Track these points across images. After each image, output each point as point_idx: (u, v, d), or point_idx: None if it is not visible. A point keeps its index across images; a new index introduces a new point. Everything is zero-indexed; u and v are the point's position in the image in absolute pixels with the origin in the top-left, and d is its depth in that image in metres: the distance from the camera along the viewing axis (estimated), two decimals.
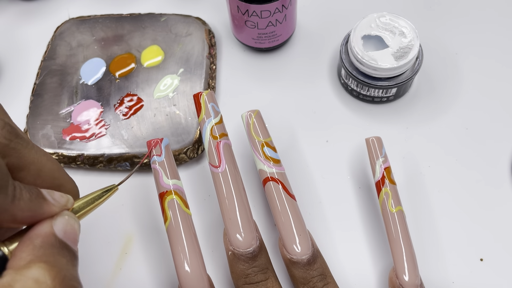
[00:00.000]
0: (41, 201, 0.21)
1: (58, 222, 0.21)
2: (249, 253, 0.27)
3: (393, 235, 0.29)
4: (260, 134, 0.30)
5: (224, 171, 0.28)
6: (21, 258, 0.19)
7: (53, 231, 0.21)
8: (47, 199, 0.21)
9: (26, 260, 0.19)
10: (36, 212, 0.21)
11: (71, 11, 0.46)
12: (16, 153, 0.21)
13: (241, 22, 0.38)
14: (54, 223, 0.21)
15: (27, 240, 0.20)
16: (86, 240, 0.34)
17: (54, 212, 0.21)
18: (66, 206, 0.22)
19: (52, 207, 0.21)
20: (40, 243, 0.20)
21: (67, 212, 0.22)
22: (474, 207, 0.34)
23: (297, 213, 0.28)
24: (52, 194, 0.22)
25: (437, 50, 0.41)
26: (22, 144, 0.22)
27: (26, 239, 0.20)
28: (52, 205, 0.21)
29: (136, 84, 0.39)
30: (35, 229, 0.21)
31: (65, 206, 0.22)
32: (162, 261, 0.33)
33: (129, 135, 0.37)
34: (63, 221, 0.21)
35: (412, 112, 0.38)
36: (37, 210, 0.21)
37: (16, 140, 0.21)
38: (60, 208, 0.22)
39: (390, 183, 0.30)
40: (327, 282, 0.27)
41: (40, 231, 0.20)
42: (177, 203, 0.27)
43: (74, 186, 0.25)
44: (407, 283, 0.28)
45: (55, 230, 0.21)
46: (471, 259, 0.32)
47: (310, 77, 0.41)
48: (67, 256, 0.20)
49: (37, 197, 0.21)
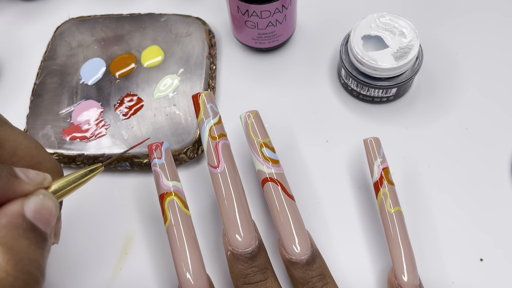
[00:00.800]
0: (12, 179, 0.20)
1: (30, 201, 0.20)
2: (248, 253, 0.27)
3: (391, 235, 0.29)
4: (258, 135, 0.30)
5: (223, 171, 0.28)
6: None
7: (22, 211, 0.20)
8: (20, 177, 0.20)
9: None
10: (6, 190, 0.20)
11: (71, 11, 0.46)
12: None
13: (241, 22, 0.38)
14: (26, 202, 0.20)
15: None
16: (86, 240, 0.34)
17: (28, 190, 0.21)
18: (42, 185, 0.21)
19: (25, 185, 0.20)
20: (4, 223, 0.19)
21: (43, 191, 0.21)
22: (473, 207, 0.34)
23: (296, 213, 0.28)
24: (27, 172, 0.21)
25: (437, 50, 0.41)
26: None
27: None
28: (26, 183, 0.20)
29: (136, 84, 0.39)
30: (4, 208, 0.20)
31: (40, 184, 0.21)
32: (162, 261, 0.33)
33: (129, 135, 0.37)
34: (37, 200, 0.20)
35: (412, 112, 0.38)
36: (8, 188, 0.20)
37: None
38: (35, 187, 0.21)
39: (388, 183, 0.30)
40: (326, 282, 0.27)
41: (8, 211, 0.20)
42: (177, 204, 0.27)
43: (56, 165, 0.24)
44: (406, 283, 0.28)
45: (25, 210, 0.20)
46: (471, 259, 0.32)
47: (310, 77, 0.41)
48: (32, 238, 0.19)
49: (8, 174, 0.20)
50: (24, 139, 0.22)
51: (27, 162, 0.22)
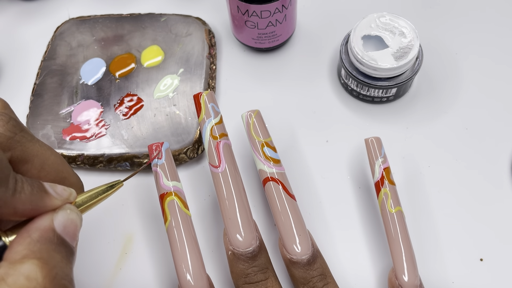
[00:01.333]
0: (42, 194, 0.21)
1: (59, 216, 0.21)
2: (249, 252, 0.27)
3: (392, 235, 0.29)
4: (260, 134, 0.30)
5: (224, 171, 0.28)
6: (17, 251, 0.19)
7: (52, 226, 0.21)
8: (49, 192, 0.21)
9: (21, 254, 0.19)
10: (37, 205, 0.21)
11: (71, 11, 0.46)
12: (20, 146, 0.22)
13: (241, 22, 0.38)
14: (55, 216, 0.21)
15: (25, 233, 0.20)
16: (86, 240, 0.34)
17: (56, 205, 0.21)
18: (68, 200, 0.22)
19: (54, 200, 0.21)
20: (37, 238, 0.20)
21: (69, 206, 0.22)
22: (474, 207, 0.34)
23: (297, 213, 0.28)
24: (55, 187, 0.22)
25: (437, 50, 0.41)
26: (27, 137, 0.22)
27: (24, 232, 0.20)
28: (54, 198, 0.21)
29: (136, 84, 0.39)
30: (34, 222, 0.20)
31: (67, 199, 0.22)
32: (162, 261, 0.33)
33: (129, 135, 0.37)
34: (64, 215, 0.21)
35: (412, 112, 0.38)
36: (38, 203, 0.21)
37: (21, 133, 0.22)
38: (62, 202, 0.22)
39: (389, 183, 0.30)
40: (327, 282, 0.27)
41: (39, 225, 0.20)
42: (177, 204, 0.27)
43: (78, 180, 0.25)
44: (407, 283, 0.28)
45: (55, 224, 0.21)
46: (471, 259, 0.32)
47: (310, 77, 0.41)
48: (63, 252, 0.20)
49: (38, 190, 0.21)
50: (51, 155, 0.23)
51: (53, 177, 0.23)
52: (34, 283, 0.18)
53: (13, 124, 0.22)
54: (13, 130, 0.22)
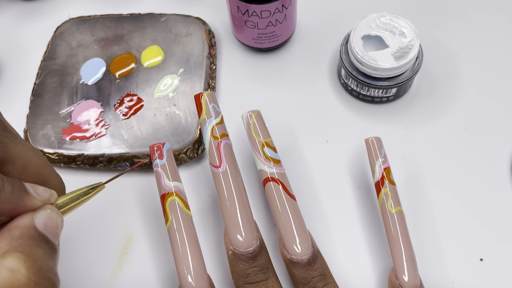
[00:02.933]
0: (23, 194, 0.21)
1: (39, 215, 0.21)
2: (250, 253, 0.27)
3: (392, 235, 0.29)
4: (260, 134, 0.30)
5: (225, 171, 0.28)
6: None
7: (33, 223, 0.21)
8: (30, 192, 0.21)
9: (3, 250, 0.19)
10: (17, 204, 0.21)
11: (71, 11, 0.46)
12: (3, 146, 0.22)
13: (241, 22, 0.38)
14: (35, 215, 0.21)
15: (5, 231, 0.20)
16: (86, 240, 0.34)
17: (36, 205, 0.21)
18: (49, 201, 0.22)
19: (34, 200, 0.21)
20: (18, 234, 0.20)
21: (50, 206, 0.22)
22: (474, 207, 0.34)
23: (297, 213, 0.28)
24: (36, 188, 0.22)
25: (437, 50, 0.41)
26: (10, 138, 0.22)
27: (5, 230, 0.20)
28: (35, 198, 0.21)
29: (136, 84, 0.39)
30: (15, 221, 0.21)
31: (48, 200, 0.22)
32: (162, 261, 0.33)
33: (129, 135, 0.37)
34: (45, 214, 0.21)
35: (412, 112, 0.38)
36: (19, 202, 0.21)
37: (4, 133, 0.22)
38: (42, 202, 0.22)
39: (389, 183, 0.30)
40: (327, 282, 0.27)
41: (20, 223, 0.20)
42: (178, 204, 0.27)
43: (60, 183, 0.25)
44: (407, 283, 0.28)
45: (36, 222, 0.21)
46: (471, 259, 0.32)
47: (310, 77, 0.41)
48: (46, 248, 0.20)
49: (19, 190, 0.21)
50: (34, 156, 0.23)
51: (34, 178, 0.23)
52: (18, 275, 0.18)
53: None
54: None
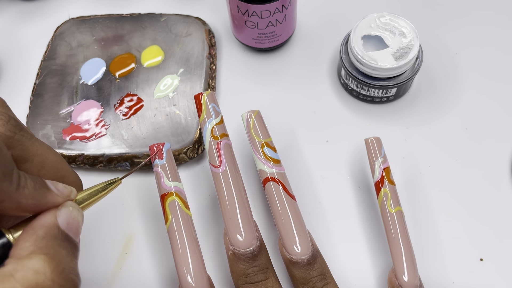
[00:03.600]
0: (45, 190, 0.21)
1: (62, 212, 0.22)
2: (249, 252, 0.27)
3: (392, 235, 0.29)
4: (260, 135, 0.30)
5: (225, 171, 0.28)
6: (24, 248, 0.19)
7: (57, 222, 0.21)
8: (51, 189, 0.22)
9: (28, 251, 0.19)
10: (40, 201, 0.21)
11: (71, 11, 0.46)
12: (20, 145, 0.22)
13: (241, 22, 0.38)
14: (58, 213, 0.21)
15: (30, 230, 0.20)
16: (86, 240, 0.34)
17: (58, 202, 0.22)
18: (69, 197, 0.23)
19: (56, 197, 0.22)
20: (43, 234, 0.20)
21: (71, 203, 0.22)
22: (474, 207, 0.34)
23: (297, 213, 0.28)
24: (56, 184, 0.22)
25: (437, 50, 0.41)
26: (26, 136, 0.23)
27: (30, 229, 0.20)
28: (56, 195, 0.22)
29: (136, 84, 0.39)
30: (39, 219, 0.21)
31: (68, 196, 0.23)
32: (162, 261, 0.33)
33: (129, 135, 0.37)
34: (67, 211, 0.22)
35: (412, 112, 0.38)
36: (41, 199, 0.21)
37: (21, 133, 0.22)
38: (63, 199, 0.22)
39: (389, 183, 0.30)
40: (327, 282, 0.27)
41: (43, 222, 0.21)
42: (178, 204, 0.27)
43: (77, 179, 0.25)
44: (406, 283, 0.28)
45: (59, 221, 0.21)
46: (471, 259, 0.32)
47: (310, 77, 0.41)
48: (68, 247, 0.21)
49: (41, 186, 0.21)
50: (50, 154, 0.24)
51: (53, 175, 0.24)
52: (42, 277, 0.18)
53: (12, 123, 0.22)
54: (13, 129, 0.22)
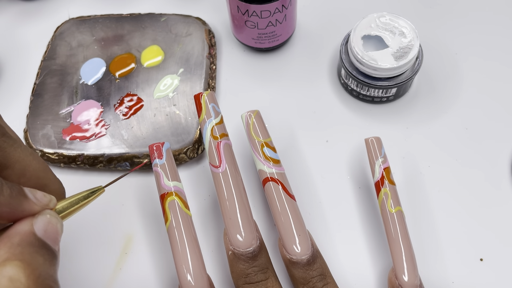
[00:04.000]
0: (21, 198, 0.21)
1: (39, 220, 0.21)
2: (249, 252, 0.27)
3: (392, 235, 0.29)
4: (260, 135, 0.30)
5: (225, 171, 0.28)
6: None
7: (33, 230, 0.20)
8: (28, 197, 0.21)
9: (2, 258, 0.19)
10: (16, 209, 0.20)
11: (71, 11, 0.46)
12: (1, 151, 0.22)
13: (241, 22, 0.38)
14: (34, 221, 0.21)
15: (5, 238, 0.20)
16: (86, 240, 0.34)
17: (35, 210, 0.21)
18: (48, 206, 0.22)
19: (33, 205, 0.21)
20: (18, 241, 0.20)
21: (49, 211, 0.22)
22: (474, 207, 0.34)
23: (296, 213, 0.28)
24: (35, 192, 0.22)
25: (437, 50, 0.41)
26: (8, 142, 0.22)
27: (5, 237, 0.20)
28: (33, 203, 0.21)
29: (136, 84, 0.39)
30: (14, 227, 0.20)
31: (47, 205, 0.22)
32: (162, 261, 0.33)
33: (129, 135, 0.37)
34: (44, 219, 0.21)
35: (412, 112, 0.38)
36: (17, 207, 0.20)
37: (3, 138, 0.22)
38: (41, 207, 0.22)
39: (389, 183, 0.30)
40: (326, 282, 0.27)
41: (19, 229, 0.20)
42: (178, 204, 0.27)
43: (60, 187, 0.25)
44: (407, 283, 0.28)
45: (35, 228, 0.21)
46: (471, 259, 0.32)
47: (310, 77, 0.41)
48: (45, 255, 0.20)
49: (18, 194, 0.21)
50: (33, 161, 0.23)
51: (34, 183, 0.23)
52: (17, 283, 0.18)
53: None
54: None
